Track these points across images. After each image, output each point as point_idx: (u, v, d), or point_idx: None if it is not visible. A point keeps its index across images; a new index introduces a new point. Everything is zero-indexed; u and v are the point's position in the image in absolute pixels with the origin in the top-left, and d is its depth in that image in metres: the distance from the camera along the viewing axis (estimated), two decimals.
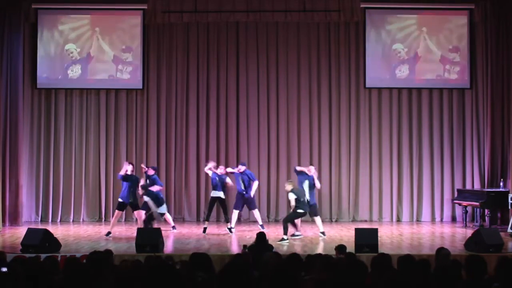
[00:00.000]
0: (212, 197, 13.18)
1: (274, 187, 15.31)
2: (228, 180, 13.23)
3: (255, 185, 13.10)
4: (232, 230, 12.87)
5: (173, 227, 13.21)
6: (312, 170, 12.57)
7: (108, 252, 6.88)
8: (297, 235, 12.22)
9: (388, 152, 15.57)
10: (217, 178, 13.09)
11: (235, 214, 13.09)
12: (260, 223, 13.15)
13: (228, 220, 13.07)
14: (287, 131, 15.57)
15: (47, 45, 15.35)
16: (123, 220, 15.18)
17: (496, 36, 15.11)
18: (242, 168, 13.19)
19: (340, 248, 8.72)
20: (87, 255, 6.43)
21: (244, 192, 12.99)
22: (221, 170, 13.24)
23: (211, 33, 15.58)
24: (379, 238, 10.66)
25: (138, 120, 15.52)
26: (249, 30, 15.64)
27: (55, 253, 9.81)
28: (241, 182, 13.05)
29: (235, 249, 10.96)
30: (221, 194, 13.04)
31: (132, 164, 12.91)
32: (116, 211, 12.87)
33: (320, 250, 10.63)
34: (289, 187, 12.03)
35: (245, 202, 13.10)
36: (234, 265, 4.48)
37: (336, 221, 15.07)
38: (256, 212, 13.26)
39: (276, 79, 15.60)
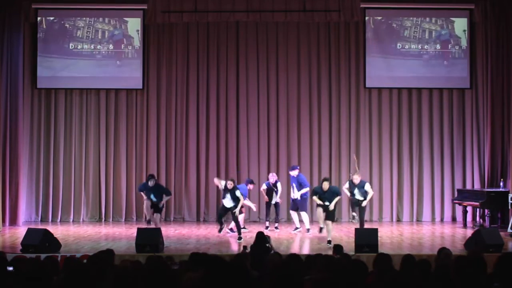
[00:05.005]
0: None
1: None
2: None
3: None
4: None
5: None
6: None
7: (109, 252, 6.86)
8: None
9: (388, 152, 15.57)
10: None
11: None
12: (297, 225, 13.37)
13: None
14: (287, 131, 15.57)
15: (47, 45, 15.34)
16: (123, 220, 15.19)
17: (496, 36, 15.11)
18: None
19: (337, 248, 8.72)
20: (90, 255, 6.43)
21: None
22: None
23: (211, 33, 15.58)
24: (379, 238, 10.67)
25: (138, 120, 15.52)
26: (249, 30, 15.64)
27: (55, 253, 9.81)
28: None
29: (235, 249, 10.96)
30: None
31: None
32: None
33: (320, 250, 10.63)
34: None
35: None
36: (234, 265, 4.47)
37: (336, 221, 15.03)
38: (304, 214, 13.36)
39: (276, 79, 15.61)
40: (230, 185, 12.40)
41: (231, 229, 12.92)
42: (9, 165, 14.38)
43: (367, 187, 12.48)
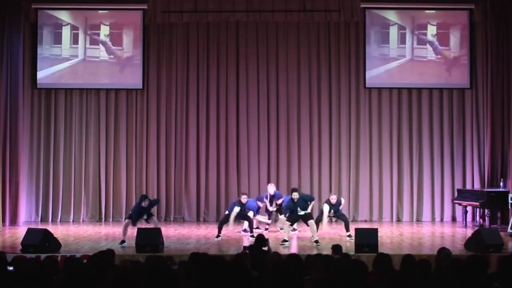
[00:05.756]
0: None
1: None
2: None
3: None
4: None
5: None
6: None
7: (109, 252, 6.87)
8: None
9: (388, 152, 15.56)
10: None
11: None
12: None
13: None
14: (287, 131, 15.56)
15: (47, 45, 15.35)
16: (123, 220, 15.15)
17: (496, 36, 15.11)
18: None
19: (336, 248, 8.72)
20: (90, 255, 6.43)
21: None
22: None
23: (211, 33, 15.58)
24: (379, 238, 10.68)
25: (138, 120, 15.51)
26: (249, 30, 15.63)
27: (55, 253, 9.82)
28: None
29: (235, 249, 10.95)
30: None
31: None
32: None
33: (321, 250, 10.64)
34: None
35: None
36: (234, 265, 4.48)
37: (336, 221, 15.04)
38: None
39: (276, 79, 15.60)
40: (244, 199, 12.43)
41: (245, 230, 12.95)
42: (9, 165, 14.38)
43: (342, 201, 12.63)
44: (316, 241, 11.39)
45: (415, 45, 15.50)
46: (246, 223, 12.96)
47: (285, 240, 11.57)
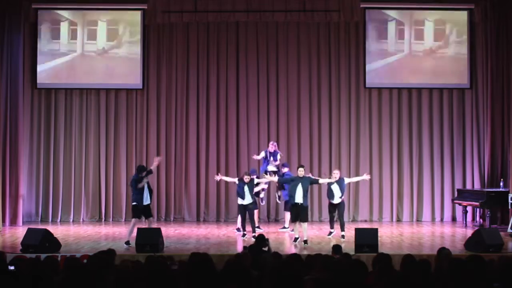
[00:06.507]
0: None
1: (274, 185, 15.24)
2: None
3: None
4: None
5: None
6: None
7: (110, 252, 6.87)
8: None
9: (388, 152, 15.57)
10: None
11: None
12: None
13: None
14: (287, 131, 15.57)
15: (47, 45, 15.35)
16: (123, 220, 15.17)
17: (496, 36, 15.11)
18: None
19: (336, 248, 8.73)
20: (91, 255, 6.43)
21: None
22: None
23: (211, 33, 15.58)
24: (379, 238, 10.69)
25: (138, 120, 15.52)
26: (249, 30, 15.64)
27: (55, 253, 9.82)
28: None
29: (235, 249, 10.96)
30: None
31: None
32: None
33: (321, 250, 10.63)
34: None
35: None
36: (234, 265, 4.48)
37: (336, 221, 15.03)
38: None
39: (276, 79, 15.61)
40: (247, 179, 12.22)
41: (238, 229, 12.91)
42: (9, 165, 14.37)
43: (346, 180, 12.63)
44: (305, 241, 11.42)
45: (415, 44, 15.50)
46: (239, 222, 12.85)
47: (296, 238, 11.63)
